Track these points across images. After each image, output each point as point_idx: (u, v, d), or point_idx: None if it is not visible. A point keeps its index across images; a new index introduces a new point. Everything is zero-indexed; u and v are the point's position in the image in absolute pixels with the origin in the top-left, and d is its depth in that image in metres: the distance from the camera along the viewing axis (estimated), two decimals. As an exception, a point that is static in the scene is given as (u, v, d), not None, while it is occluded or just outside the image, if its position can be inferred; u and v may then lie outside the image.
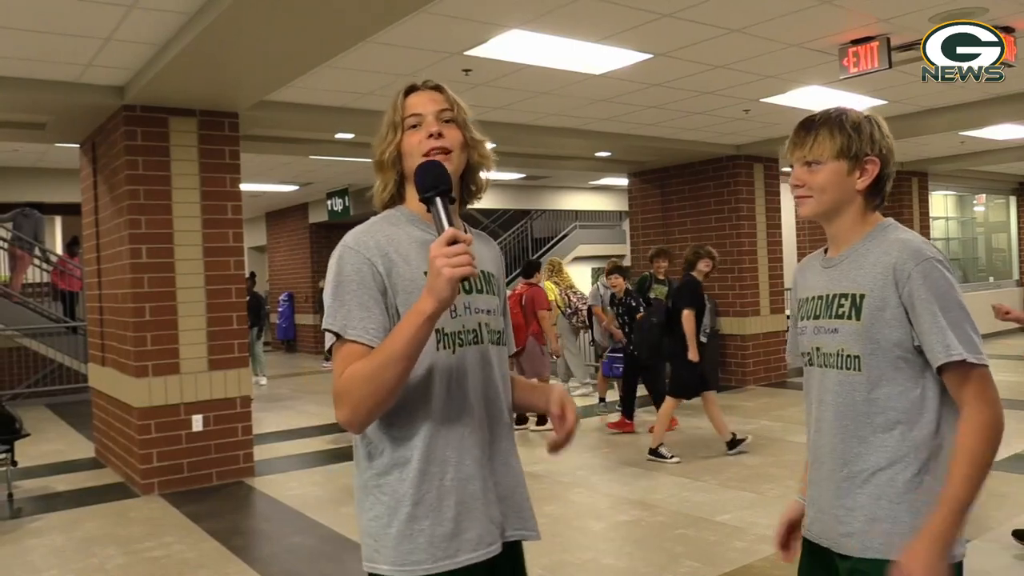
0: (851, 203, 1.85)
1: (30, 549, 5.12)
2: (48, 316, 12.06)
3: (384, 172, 1.79)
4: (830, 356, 1.84)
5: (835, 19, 5.47)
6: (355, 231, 1.73)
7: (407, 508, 1.66)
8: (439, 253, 1.50)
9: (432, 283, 1.50)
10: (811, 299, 1.92)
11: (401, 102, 1.79)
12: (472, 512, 1.69)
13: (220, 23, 4.49)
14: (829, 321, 1.84)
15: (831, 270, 1.89)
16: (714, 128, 9.13)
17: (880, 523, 1.74)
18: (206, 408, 6.51)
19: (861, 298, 1.78)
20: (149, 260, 6.30)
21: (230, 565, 4.74)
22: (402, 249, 1.70)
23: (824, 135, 1.84)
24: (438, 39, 5.53)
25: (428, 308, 1.51)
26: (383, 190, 1.81)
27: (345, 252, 1.69)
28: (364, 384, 1.56)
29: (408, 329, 1.53)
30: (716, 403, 7.05)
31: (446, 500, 1.66)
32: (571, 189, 17.36)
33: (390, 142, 1.77)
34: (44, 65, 5.55)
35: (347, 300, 1.65)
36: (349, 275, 1.66)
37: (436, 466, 1.67)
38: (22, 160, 10.42)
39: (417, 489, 1.66)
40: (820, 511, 1.88)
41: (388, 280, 1.67)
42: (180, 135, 6.42)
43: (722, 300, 10.85)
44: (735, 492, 5.78)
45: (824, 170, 1.83)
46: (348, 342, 1.63)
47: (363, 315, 1.64)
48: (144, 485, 6.28)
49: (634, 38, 5.70)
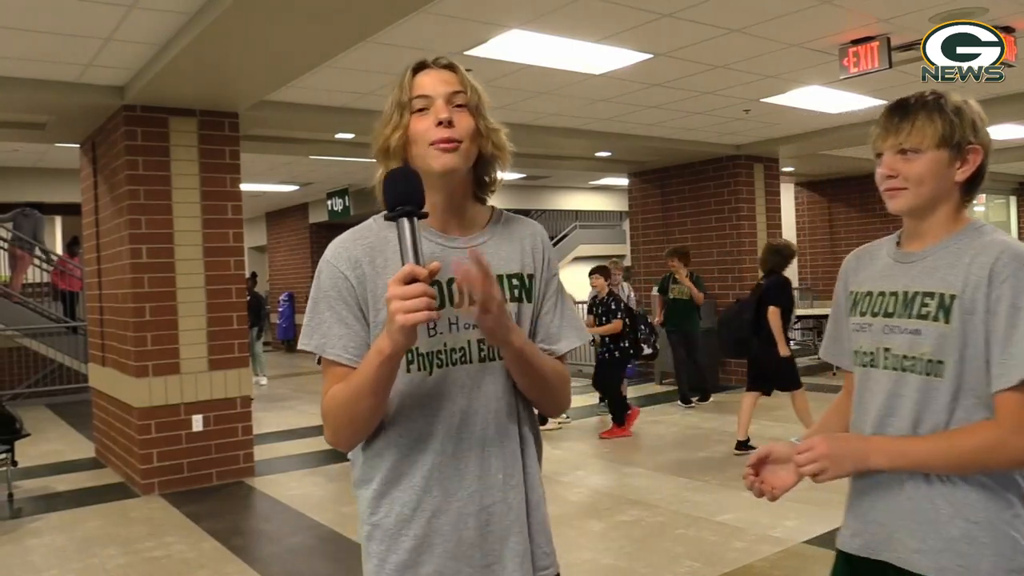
0: (948, 197, 1.67)
1: (31, 549, 5.12)
2: (48, 316, 12.06)
3: (388, 160, 1.58)
4: (907, 359, 1.66)
5: (835, 19, 5.47)
6: (336, 241, 1.61)
7: (366, 527, 1.59)
8: (394, 294, 1.33)
9: (388, 325, 1.36)
10: (880, 294, 1.74)
11: (409, 81, 1.57)
12: (433, 547, 1.53)
13: (220, 23, 4.49)
14: (909, 321, 1.66)
15: (911, 265, 1.70)
16: (714, 128, 9.13)
17: (958, 543, 1.59)
18: (206, 408, 6.51)
19: (951, 299, 1.61)
20: (149, 260, 6.30)
21: (230, 565, 4.74)
22: (378, 260, 1.55)
23: (924, 120, 1.64)
24: (438, 39, 5.53)
25: (386, 349, 1.37)
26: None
27: (324, 265, 1.58)
28: (341, 411, 1.50)
29: (368, 367, 1.42)
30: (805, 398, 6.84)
31: (405, 529, 1.54)
32: (571, 189, 17.37)
33: (396, 125, 1.55)
34: (44, 65, 5.55)
35: (325, 316, 1.55)
36: (326, 289, 1.55)
37: (399, 491, 1.54)
38: (22, 160, 10.42)
39: (374, 511, 1.57)
40: (876, 523, 1.70)
41: (362, 294, 1.54)
42: (180, 135, 6.42)
43: (722, 300, 10.83)
44: (735, 492, 5.78)
45: (923, 159, 1.64)
46: (329, 362, 1.54)
47: (341, 332, 1.53)
48: (144, 485, 6.29)
49: (634, 38, 5.70)
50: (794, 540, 4.73)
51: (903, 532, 1.65)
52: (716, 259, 10.90)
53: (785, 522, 5.05)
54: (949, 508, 1.60)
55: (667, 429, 8.15)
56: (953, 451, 1.57)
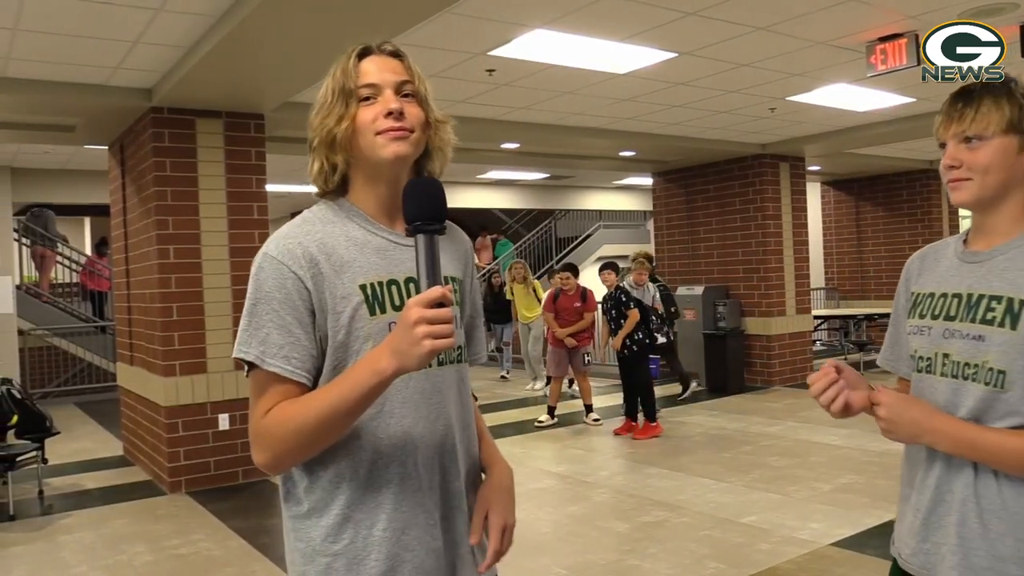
0: (1019, 188, 1.55)
1: (61, 545, 5.19)
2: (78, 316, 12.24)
3: (331, 152, 1.46)
4: (968, 367, 1.53)
5: (862, 16, 5.42)
6: (280, 234, 1.45)
7: (322, 560, 1.42)
8: (422, 317, 1.24)
9: (401, 347, 1.26)
10: (942, 296, 1.62)
11: (354, 67, 1.46)
12: (403, 566, 1.43)
13: (246, 26, 4.53)
14: (971, 326, 1.53)
15: (976, 265, 1.58)
16: (739, 127, 9.07)
17: (1008, 564, 1.48)
18: (232, 407, 6.56)
19: (1021, 304, 1.48)
20: (176, 260, 6.36)
21: (256, 563, 4.78)
22: (335, 255, 1.43)
23: (989, 105, 1.53)
24: (462, 39, 5.54)
25: (388, 370, 1.28)
26: (332, 173, 1.48)
27: (266, 262, 1.41)
28: (294, 435, 1.34)
29: (361, 385, 1.29)
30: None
31: (374, 553, 1.41)
32: (595, 189, 17.33)
33: (341, 115, 1.44)
34: (74, 68, 5.63)
35: (264, 321, 1.38)
36: (270, 291, 1.39)
37: (363, 513, 1.42)
38: (52, 162, 10.56)
39: (336, 540, 1.42)
40: (928, 540, 1.60)
41: (317, 297, 1.40)
42: (207, 136, 6.48)
43: (747, 300, 10.77)
44: (760, 493, 5.74)
45: (989, 147, 1.52)
46: (268, 374, 1.38)
47: (285, 341, 1.38)
48: (171, 483, 6.35)
49: (658, 37, 5.67)
50: (820, 542, 4.69)
51: (950, 549, 1.55)
52: (741, 259, 10.82)
53: (811, 524, 5.00)
54: (1000, 525, 1.49)
55: (691, 430, 8.10)
56: (1013, 450, 1.45)
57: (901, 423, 1.53)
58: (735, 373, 10.42)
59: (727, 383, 10.28)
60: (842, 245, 14.43)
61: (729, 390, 10.20)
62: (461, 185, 14.91)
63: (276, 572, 4.63)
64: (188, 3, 4.52)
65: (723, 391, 10.19)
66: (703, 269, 11.35)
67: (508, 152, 10.05)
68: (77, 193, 11.55)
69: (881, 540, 4.66)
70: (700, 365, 10.63)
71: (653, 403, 7.91)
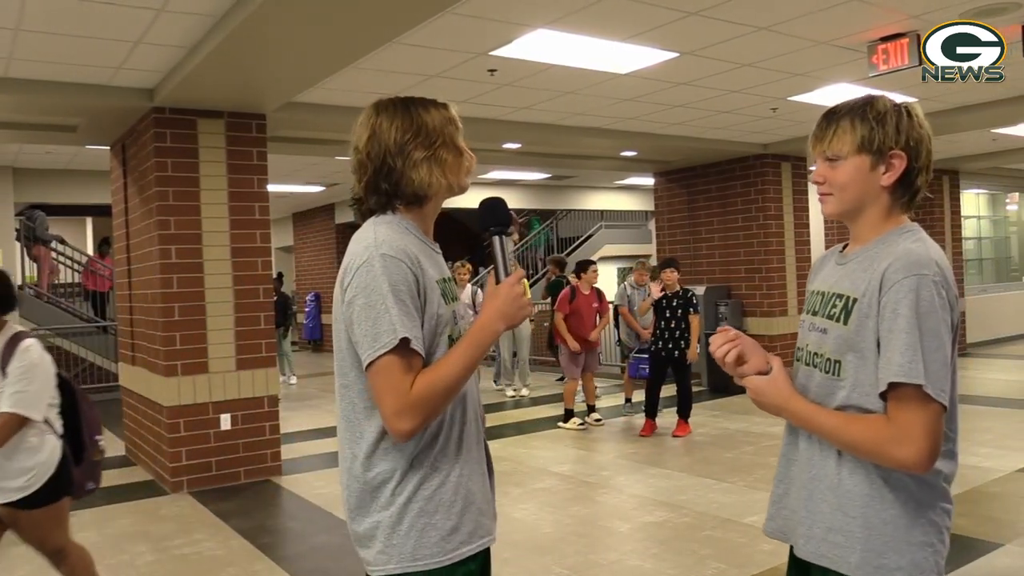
0: (875, 201, 1.72)
1: (62, 546, 5.19)
2: (79, 316, 12.25)
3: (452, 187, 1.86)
4: (816, 357, 1.76)
5: (864, 16, 5.41)
6: (385, 239, 1.71)
7: (417, 505, 1.72)
8: (522, 290, 1.73)
9: (511, 311, 1.72)
10: (814, 293, 1.84)
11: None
12: (471, 507, 1.77)
13: (247, 26, 4.53)
14: (820, 320, 1.76)
15: (840, 267, 1.79)
16: (741, 127, 9.07)
17: (836, 534, 1.70)
18: (234, 407, 6.57)
19: (853, 302, 1.68)
20: (178, 260, 6.36)
21: (258, 563, 4.78)
22: (423, 259, 1.75)
23: (844, 127, 1.70)
24: (464, 39, 5.54)
25: (501, 329, 1.72)
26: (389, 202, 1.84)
27: (388, 261, 1.68)
28: (445, 394, 1.67)
29: (482, 344, 1.70)
30: None
31: (453, 496, 1.74)
32: (596, 189, 17.32)
33: (462, 168, 1.86)
34: (75, 68, 5.63)
35: (396, 310, 1.65)
36: (396, 283, 1.66)
37: (440, 462, 1.74)
38: (54, 162, 10.58)
39: (426, 487, 1.73)
40: (786, 509, 1.86)
41: (420, 288, 1.71)
42: (208, 137, 6.48)
43: (749, 300, 10.77)
44: (762, 493, 5.72)
45: (845, 166, 1.71)
46: (412, 353, 1.66)
47: (412, 324, 1.66)
48: (173, 483, 6.35)
49: (660, 37, 5.67)
50: (822, 542, 4.68)
51: (799, 521, 1.79)
52: (743, 259, 10.82)
53: (813, 524, 4.99)
54: (834, 500, 1.70)
55: (694, 430, 8.10)
56: (844, 435, 1.66)
57: (764, 400, 1.78)
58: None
59: (729, 383, 10.16)
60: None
61: (731, 390, 10.19)
62: (463, 185, 14.90)
63: (278, 572, 4.64)
64: (190, 3, 4.52)
65: (725, 391, 10.19)
66: (704, 269, 11.34)
67: (510, 152, 10.05)
68: (79, 193, 11.57)
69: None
70: (702, 365, 10.62)
71: (690, 403, 8.01)
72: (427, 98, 1.85)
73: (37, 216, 12.08)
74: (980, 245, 16.67)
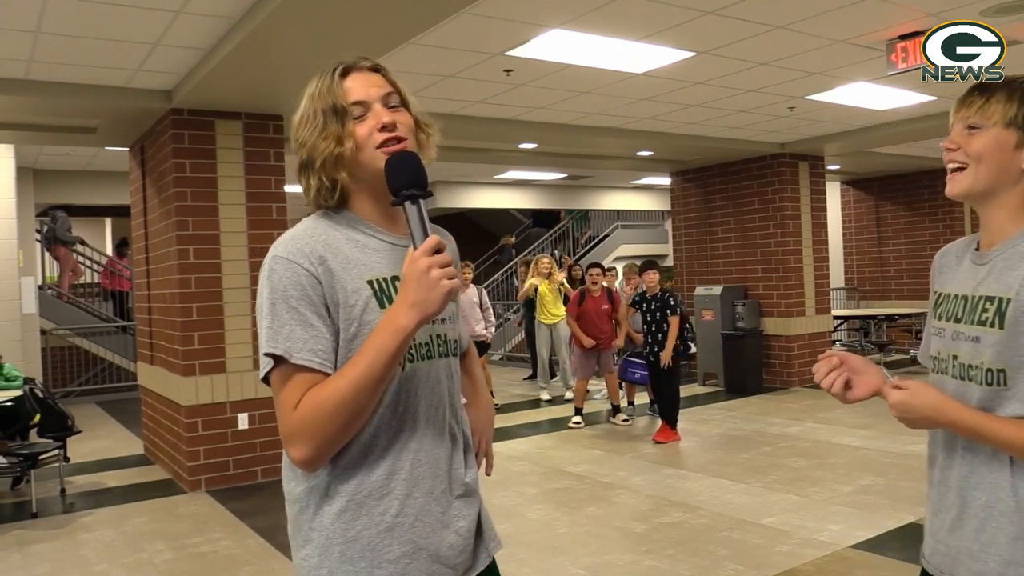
0: (1012, 185, 1.54)
1: (82, 543, 5.24)
2: (99, 316, 12.35)
3: (335, 170, 1.51)
4: (971, 369, 1.55)
5: (883, 14, 5.38)
6: (286, 238, 1.50)
7: (339, 547, 1.46)
8: (433, 262, 1.35)
9: (420, 295, 1.35)
10: (953, 297, 1.64)
11: (339, 85, 1.54)
12: (420, 552, 1.49)
13: (264, 28, 4.56)
14: (972, 328, 1.56)
15: (981, 267, 1.60)
16: (758, 126, 9.03)
17: (1017, 567, 1.49)
18: (251, 406, 6.60)
19: (1007, 303, 1.49)
20: (196, 261, 6.40)
21: (275, 561, 4.80)
22: (340, 255, 1.48)
23: (1000, 98, 1.54)
24: (479, 40, 5.54)
25: (411, 322, 1.36)
26: (333, 190, 1.53)
27: (277, 264, 1.45)
28: (333, 416, 1.37)
29: (386, 348, 1.36)
30: None
31: (386, 540, 1.46)
32: (613, 188, 17.28)
33: (339, 136, 1.50)
34: (95, 70, 5.68)
35: (286, 319, 1.42)
36: (286, 289, 1.43)
37: (375, 500, 1.46)
38: (74, 163, 10.67)
39: (351, 526, 1.46)
40: (942, 543, 1.63)
41: (329, 292, 1.45)
42: (226, 138, 6.52)
43: (766, 300, 10.72)
44: (779, 495, 5.71)
45: (985, 136, 1.54)
46: (294, 368, 1.41)
47: (307, 335, 1.42)
48: (191, 482, 6.39)
49: (676, 36, 5.65)
50: (840, 544, 4.65)
51: (967, 553, 1.56)
52: (760, 259, 10.77)
53: (831, 526, 4.97)
54: (1012, 529, 1.49)
55: (710, 431, 8.07)
56: (1017, 441, 1.46)
57: (913, 415, 1.53)
58: (754, 374, 10.36)
59: (746, 384, 10.23)
60: (862, 245, 14.32)
61: (748, 391, 10.15)
62: (478, 185, 14.92)
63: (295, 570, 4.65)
64: (208, 5, 4.55)
65: (742, 392, 10.14)
66: (721, 269, 11.30)
67: (525, 152, 10.05)
68: (98, 194, 11.67)
69: (902, 543, 4.63)
70: (719, 365, 10.59)
71: (678, 411, 7.77)
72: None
73: (59, 217, 12.20)
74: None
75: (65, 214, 12.30)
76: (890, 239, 13.81)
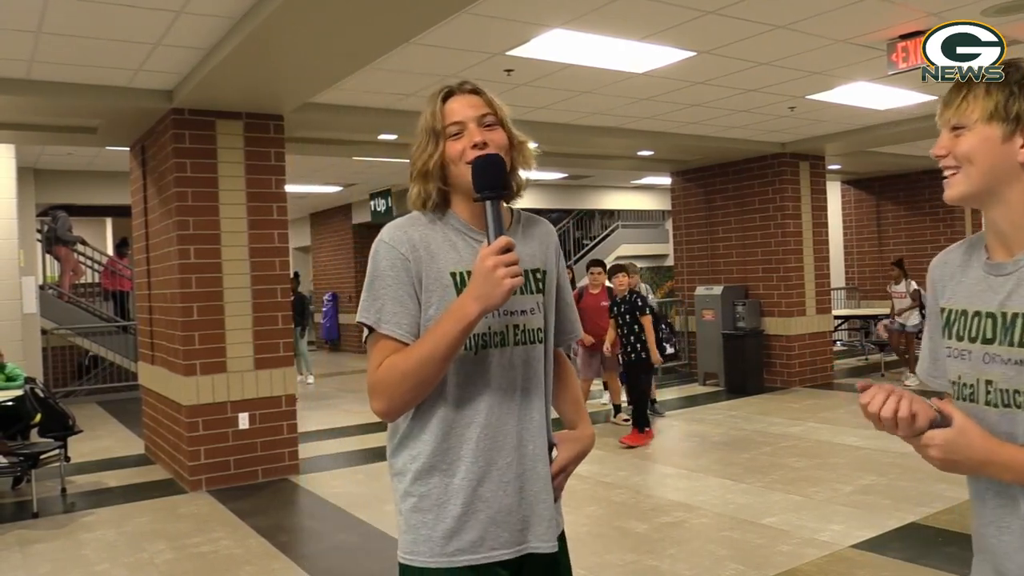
0: (1014, 182, 1.39)
1: (83, 543, 5.24)
2: (100, 316, 12.36)
3: (426, 182, 1.74)
4: (1018, 395, 1.37)
5: (884, 13, 5.37)
6: (392, 225, 1.73)
7: (411, 499, 1.70)
8: (500, 260, 1.53)
9: (484, 289, 1.53)
10: (976, 315, 1.45)
11: (440, 109, 1.73)
12: (478, 514, 1.68)
13: (265, 28, 4.56)
14: (1011, 350, 1.37)
15: (1004, 279, 1.42)
16: (758, 126, 9.02)
17: None
18: (252, 406, 6.60)
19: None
20: (197, 260, 6.41)
21: (276, 561, 4.81)
22: (432, 246, 1.70)
23: (977, 92, 1.44)
24: (480, 40, 5.54)
25: (473, 313, 1.54)
26: (426, 198, 1.74)
27: (380, 247, 1.71)
28: (402, 380, 1.60)
29: (449, 332, 1.56)
30: None
31: (453, 500, 1.67)
32: (613, 188, 17.29)
33: (431, 153, 1.72)
34: (96, 70, 5.68)
35: (381, 294, 1.67)
36: (384, 269, 1.68)
37: (446, 464, 1.68)
38: (75, 163, 10.68)
39: (423, 484, 1.69)
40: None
41: (418, 275, 1.68)
42: (226, 138, 6.52)
43: (767, 300, 10.71)
44: (780, 494, 5.71)
45: (970, 135, 1.41)
46: (382, 336, 1.66)
47: (396, 309, 1.66)
48: (192, 482, 6.40)
49: (677, 36, 5.65)
50: (841, 544, 4.65)
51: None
52: (760, 258, 10.77)
53: (832, 526, 4.97)
54: None
55: (710, 430, 8.07)
56: None
57: (958, 457, 1.34)
58: (754, 373, 10.36)
59: (746, 383, 10.23)
60: (863, 244, 14.32)
61: (748, 390, 10.15)
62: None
63: (295, 570, 4.66)
64: (208, 5, 4.55)
65: (742, 391, 10.14)
66: (722, 269, 11.30)
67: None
68: (99, 194, 11.67)
69: (903, 542, 4.63)
70: (719, 365, 10.60)
71: (645, 412, 7.71)
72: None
73: (60, 217, 12.20)
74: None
75: (66, 214, 12.30)
76: (891, 239, 13.81)
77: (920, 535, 4.76)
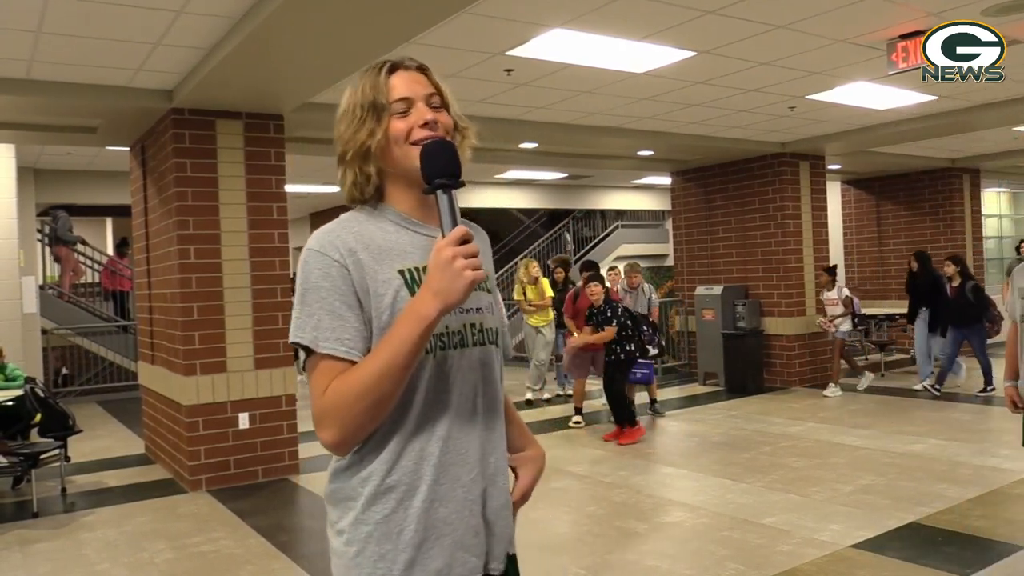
0: None
1: (83, 543, 5.25)
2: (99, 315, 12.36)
3: (364, 164, 1.55)
4: None
5: (884, 13, 5.37)
6: (321, 231, 1.53)
7: (364, 528, 1.49)
8: (458, 252, 1.36)
9: (443, 284, 1.36)
10: None
11: (385, 82, 1.56)
12: (442, 539, 1.50)
13: (265, 27, 4.56)
14: None
15: None
16: (758, 126, 9.02)
17: None
18: (252, 406, 6.60)
19: None
20: (197, 260, 6.41)
21: (276, 561, 4.81)
22: (373, 246, 1.51)
23: None
24: (480, 39, 5.54)
25: (433, 311, 1.37)
26: (365, 183, 1.56)
27: (309, 255, 1.50)
28: (355, 401, 1.40)
29: (408, 337, 1.38)
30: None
31: (412, 525, 1.48)
32: (613, 188, 17.29)
33: (371, 131, 1.53)
34: (96, 70, 5.68)
35: (315, 308, 1.46)
36: (316, 280, 1.47)
37: (405, 484, 1.49)
38: (75, 163, 10.68)
39: (380, 508, 1.49)
40: None
41: (359, 283, 1.48)
42: (227, 137, 6.52)
43: (767, 300, 10.71)
44: (780, 494, 5.71)
45: None
46: (323, 357, 1.45)
47: (335, 324, 1.45)
48: (192, 481, 6.40)
49: (677, 35, 5.65)
50: (840, 544, 4.65)
51: None
52: (760, 258, 10.77)
53: (832, 526, 4.97)
54: None
55: (710, 430, 8.07)
56: None
57: None
58: (754, 373, 10.37)
59: (746, 383, 10.24)
60: (863, 244, 14.31)
61: (748, 390, 10.16)
62: (479, 185, 14.91)
63: (295, 570, 4.66)
64: (208, 5, 4.55)
65: (742, 391, 10.15)
66: (722, 268, 11.30)
67: (526, 152, 10.04)
68: (99, 194, 11.67)
69: (902, 542, 4.63)
70: (719, 365, 10.60)
71: (625, 410, 7.74)
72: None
73: (60, 217, 12.21)
74: (1001, 244, 16.47)
75: (66, 214, 12.30)
76: (890, 239, 13.80)
77: (920, 535, 4.76)
